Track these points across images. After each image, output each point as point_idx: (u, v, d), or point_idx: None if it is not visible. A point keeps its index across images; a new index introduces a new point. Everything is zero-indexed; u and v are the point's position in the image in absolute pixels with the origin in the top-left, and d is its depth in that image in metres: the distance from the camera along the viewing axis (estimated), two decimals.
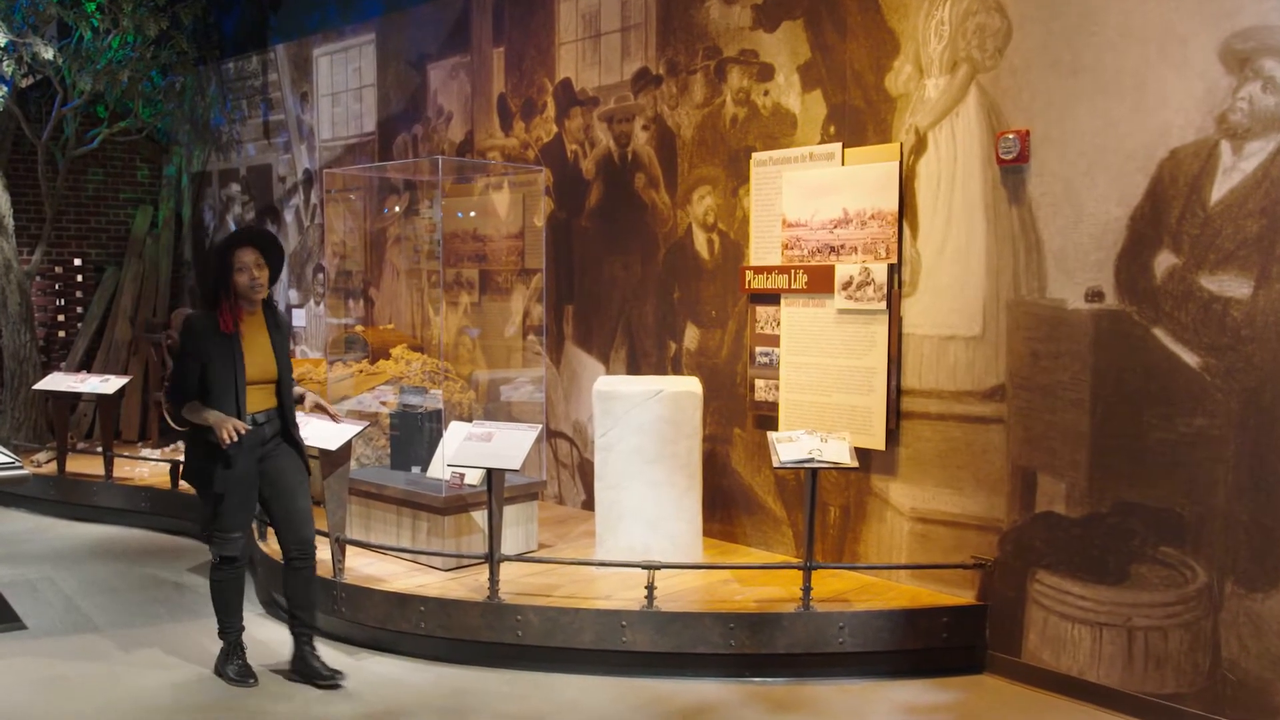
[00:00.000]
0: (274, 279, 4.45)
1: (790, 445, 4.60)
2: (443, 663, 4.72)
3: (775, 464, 4.56)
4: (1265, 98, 3.79)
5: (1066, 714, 4.23)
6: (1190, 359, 3.99)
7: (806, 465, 4.51)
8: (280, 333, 4.52)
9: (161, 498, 7.26)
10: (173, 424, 3.84)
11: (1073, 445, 4.33)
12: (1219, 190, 3.91)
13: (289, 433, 4.52)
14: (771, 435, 4.72)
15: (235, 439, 4.21)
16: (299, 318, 8.83)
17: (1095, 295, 4.25)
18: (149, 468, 7.94)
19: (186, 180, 10.09)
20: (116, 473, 7.63)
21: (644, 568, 4.61)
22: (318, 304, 8.64)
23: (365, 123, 8.05)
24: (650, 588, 4.55)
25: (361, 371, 6.68)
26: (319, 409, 4.71)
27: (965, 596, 4.70)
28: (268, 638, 5.08)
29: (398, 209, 7.75)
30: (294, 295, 8.90)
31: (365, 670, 4.67)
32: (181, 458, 8.07)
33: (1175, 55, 4.00)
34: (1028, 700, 4.36)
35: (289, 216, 8.92)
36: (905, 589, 4.86)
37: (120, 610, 5.52)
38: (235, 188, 9.50)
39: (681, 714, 4.20)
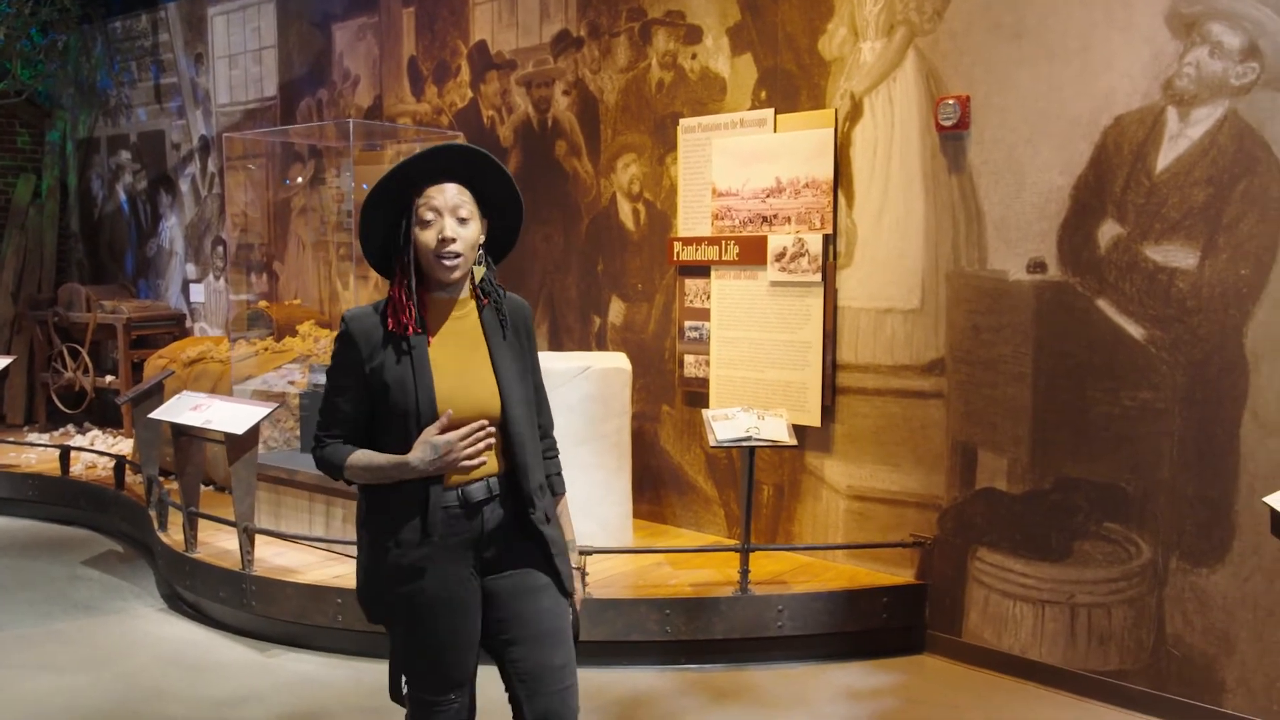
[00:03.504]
0: (505, 242, 2.61)
1: (727, 423, 4.42)
2: (363, 658, 4.45)
3: (712, 443, 4.38)
4: (1212, 63, 3.71)
5: (1009, 693, 4.15)
6: (1135, 331, 3.91)
7: (744, 444, 4.35)
8: (516, 342, 2.53)
9: (51, 485, 6.82)
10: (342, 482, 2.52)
11: (1014, 420, 4.24)
12: (1165, 158, 3.82)
13: (526, 519, 2.47)
14: (706, 413, 4.55)
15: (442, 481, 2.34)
16: (197, 293, 8.38)
17: (1037, 266, 4.14)
18: (36, 453, 7.47)
19: (72, 147, 9.50)
20: (0, 459, 7.17)
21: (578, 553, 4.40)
22: (218, 278, 8.20)
23: (266, 86, 7.62)
24: (583, 574, 4.35)
25: (266, 349, 6.34)
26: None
27: (904, 576, 4.59)
28: (169, 634, 4.77)
29: (300, 180, 7.37)
30: (192, 270, 8.44)
31: (279, 669, 4.39)
32: (74, 442, 7.64)
33: (1121, 18, 3.89)
34: (969, 680, 4.27)
35: (185, 186, 8.44)
36: (843, 569, 4.74)
37: (8, 609, 5.12)
38: (125, 155, 8.97)
39: (618, 705, 4.02)
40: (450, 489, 2.39)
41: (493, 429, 2.36)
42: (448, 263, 2.39)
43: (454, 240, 2.38)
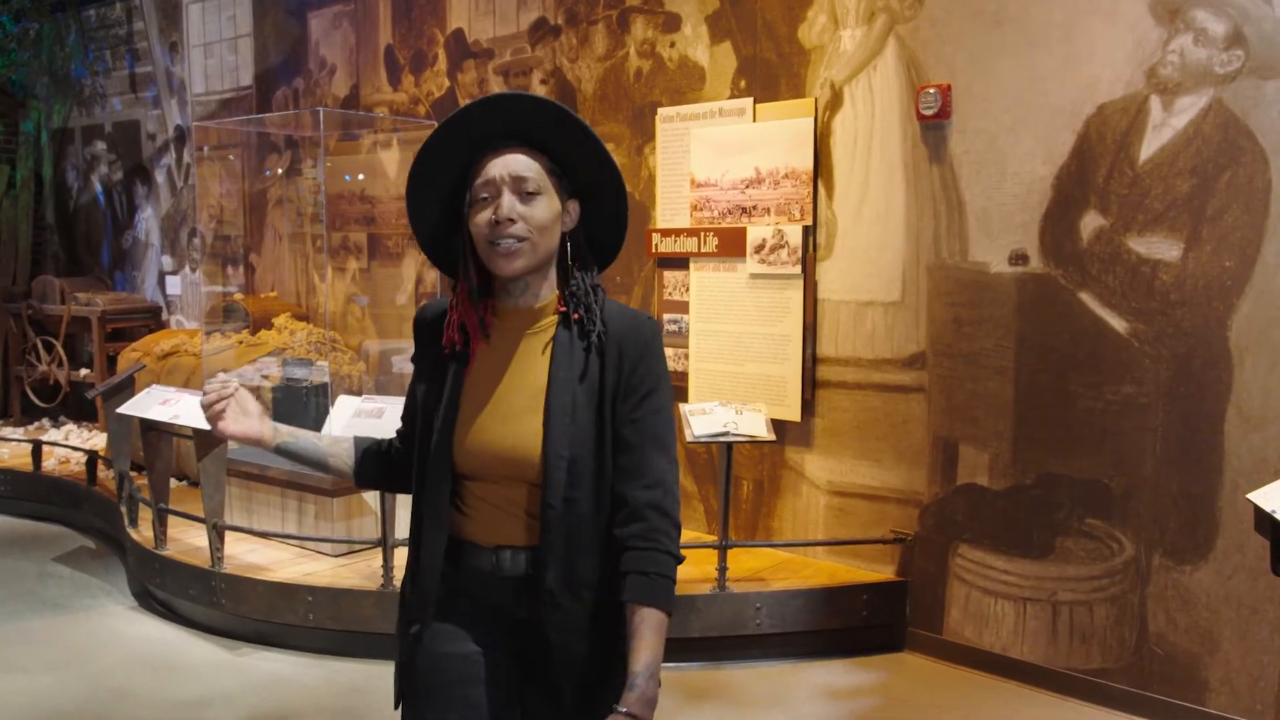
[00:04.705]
0: (610, 238, 1.97)
1: (704, 418, 4.35)
2: (334, 657, 4.38)
3: (688, 438, 4.31)
4: (1196, 50, 3.64)
5: (990, 691, 4.09)
6: (1118, 324, 3.85)
7: (722, 439, 4.28)
8: (599, 379, 1.84)
9: (23, 481, 6.71)
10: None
11: (996, 415, 4.17)
12: (1148, 148, 3.75)
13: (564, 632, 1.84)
14: (683, 408, 4.47)
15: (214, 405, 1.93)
16: (173, 285, 8.26)
17: (1019, 258, 4.08)
18: (9, 448, 7.36)
19: (46, 137, 9.36)
20: None
21: None
22: (194, 271, 8.10)
23: (241, 76, 7.51)
24: None
25: (242, 343, 6.24)
26: None
27: (885, 572, 4.53)
28: (138, 633, 4.68)
29: (280, 171, 7.27)
30: (168, 262, 8.33)
31: (249, 668, 4.31)
32: (48, 437, 7.54)
33: (1104, 5, 3.81)
34: (950, 678, 4.21)
35: (160, 177, 8.33)
36: (823, 565, 4.68)
37: None
38: (100, 145, 8.85)
39: None
40: (485, 549, 1.86)
41: (234, 385, 1.91)
42: (503, 247, 1.77)
43: (514, 221, 1.77)
